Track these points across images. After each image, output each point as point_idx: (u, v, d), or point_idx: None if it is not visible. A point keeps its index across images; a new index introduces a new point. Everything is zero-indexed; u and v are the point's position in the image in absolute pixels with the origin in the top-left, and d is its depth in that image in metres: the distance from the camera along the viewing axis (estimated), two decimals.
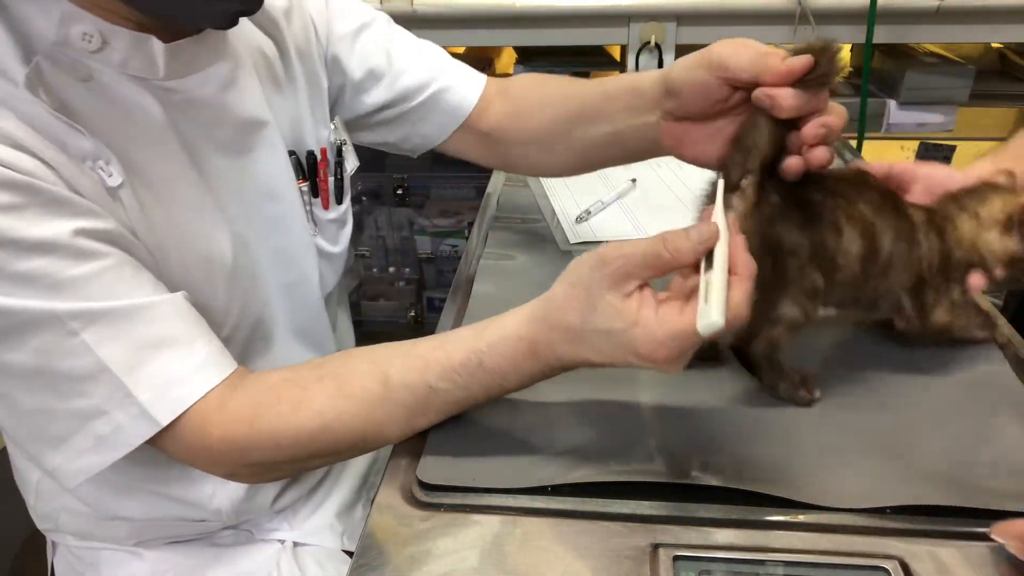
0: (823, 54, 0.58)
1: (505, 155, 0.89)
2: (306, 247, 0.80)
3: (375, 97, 0.85)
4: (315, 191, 0.82)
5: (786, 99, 0.58)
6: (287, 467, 0.67)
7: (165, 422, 0.59)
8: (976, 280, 0.68)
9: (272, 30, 0.77)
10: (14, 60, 0.57)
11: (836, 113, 0.61)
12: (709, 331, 0.50)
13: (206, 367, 0.62)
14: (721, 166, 0.64)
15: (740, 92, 0.64)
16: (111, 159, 0.61)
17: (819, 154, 0.60)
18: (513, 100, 0.87)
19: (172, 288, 0.64)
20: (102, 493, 0.76)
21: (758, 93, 0.60)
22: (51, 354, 0.57)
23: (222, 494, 0.78)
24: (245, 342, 0.76)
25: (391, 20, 0.88)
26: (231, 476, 0.68)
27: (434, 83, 0.85)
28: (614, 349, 0.55)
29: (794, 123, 0.60)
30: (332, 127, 0.84)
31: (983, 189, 0.69)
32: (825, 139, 0.60)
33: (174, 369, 0.60)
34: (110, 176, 0.61)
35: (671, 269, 0.55)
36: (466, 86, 0.87)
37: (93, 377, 0.58)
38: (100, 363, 0.58)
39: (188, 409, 0.60)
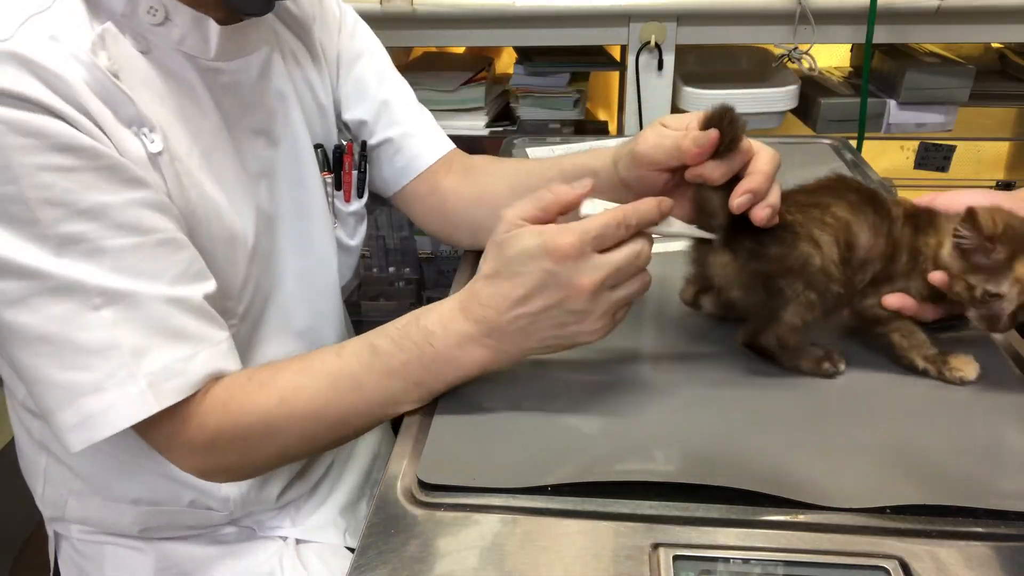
0: (721, 122, 0.63)
1: (457, 219, 0.90)
2: (327, 236, 0.84)
3: (353, 114, 0.87)
4: (338, 184, 0.86)
5: (713, 172, 0.64)
6: (255, 456, 0.67)
7: (159, 407, 0.60)
8: (895, 300, 0.67)
9: (301, 33, 0.82)
10: (84, 26, 0.61)
11: (759, 169, 0.64)
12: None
13: (208, 363, 0.63)
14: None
15: (680, 170, 0.67)
16: (155, 127, 0.64)
17: (759, 214, 0.63)
18: (472, 168, 0.91)
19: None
20: (110, 475, 0.78)
21: (688, 176, 0.65)
22: (69, 323, 0.58)
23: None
24: (257, 322, 0.78)
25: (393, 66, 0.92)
26: (205, 472, 0.68)
27: (405, 125, 0.88)
28: (528, 259, 0.60)
29: (738, 176, 0.64)
30: (339, 129, 0.88)
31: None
32: (754, 202, 0.63)
33: (178, 361, 0.61)
34: (152, 143, 0.63)
35: (555, 209, 0.62)
36: (432, 143, 0.90)
37: (102, 353, 0.59)
38: (113, 340, 0.59)
39: (180, 401, 0.61)
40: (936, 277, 0.65)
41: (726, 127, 0.63)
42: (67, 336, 0.58)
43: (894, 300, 0.67)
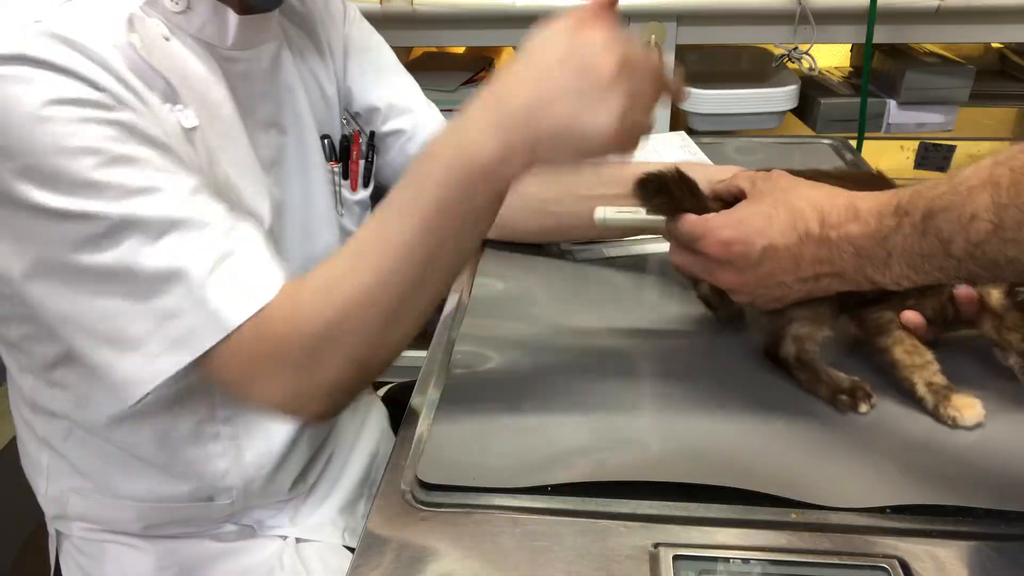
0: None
1: None
2: (330, 224, 0.85)
3: (364, 103, 0.89)
4: (345, 173, 0.88)
5: None
6: (347, 341, 0.62)
7: (235, 324, 0.60)
8: (912, 316, 0.66)
9: (307, 29, 0.84)
10: (115, 10, 0.63)
11: None
12: None
13: (276, 277, 0.63)
14: None
15: None
16: (188, 104, 0.66)
17: None
18: None
19: None
20: (111, 471, 0.78)
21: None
22: (135, 255, 0.59)
23: (235, 472, 0.78)
24: None
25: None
26: (286, 385, 0.63)
27: (416, 114, 0.91)
28: (551, 36, 0.57)
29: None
30: (344, 121, 0.89)
31: None
32: None
33: (247, 277, 0.62)
34: (187, 119, 0.66)
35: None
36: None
37: (170, 279, 0.60)
38: (179, 267, 0.60)
39: (256, 312, 0.61)
40: (963, 292, 0.63)
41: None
42: (136, 269, 0.59)
43: (911, 316, 0.65)
